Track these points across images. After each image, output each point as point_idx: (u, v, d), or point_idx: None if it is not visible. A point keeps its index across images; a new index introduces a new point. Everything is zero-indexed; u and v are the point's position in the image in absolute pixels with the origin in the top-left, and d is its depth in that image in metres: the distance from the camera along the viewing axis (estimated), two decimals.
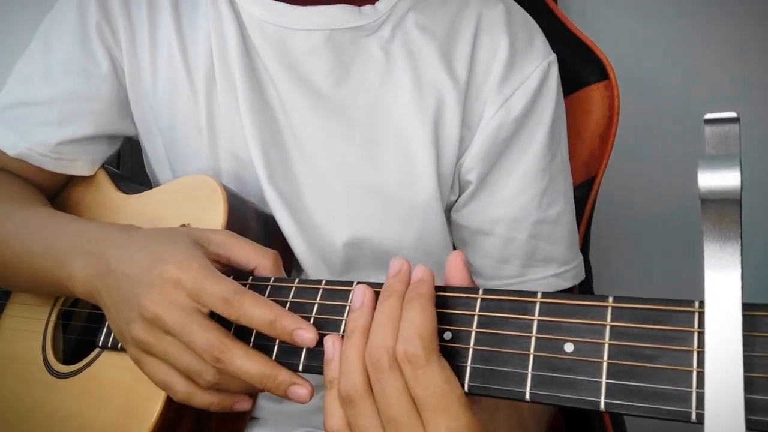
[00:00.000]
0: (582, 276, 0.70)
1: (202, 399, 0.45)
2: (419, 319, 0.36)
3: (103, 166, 0.70)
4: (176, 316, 0.43)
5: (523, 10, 0.68)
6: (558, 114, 0.65)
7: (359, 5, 0.63)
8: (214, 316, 0.44)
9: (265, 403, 0.64)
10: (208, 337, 0.42)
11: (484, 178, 0.63)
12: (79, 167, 0.67)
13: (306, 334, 0.42)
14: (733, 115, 0.29)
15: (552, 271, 0.66)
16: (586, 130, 0.75)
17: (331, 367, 0.39)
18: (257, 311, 0.42)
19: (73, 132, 0.64)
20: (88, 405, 0.55)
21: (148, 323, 0.45)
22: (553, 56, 0.65)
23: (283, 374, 0.43)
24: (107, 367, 0.56)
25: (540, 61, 0.63)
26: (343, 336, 0.41)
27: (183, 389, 0.45)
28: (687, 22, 1.06)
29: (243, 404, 0.47)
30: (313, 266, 0.61)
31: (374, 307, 0.39)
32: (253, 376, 0.42)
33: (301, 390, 0.43)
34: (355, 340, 0.38)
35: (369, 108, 0.62)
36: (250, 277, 0.48)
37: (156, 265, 0.45)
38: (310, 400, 0.43)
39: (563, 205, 0.66)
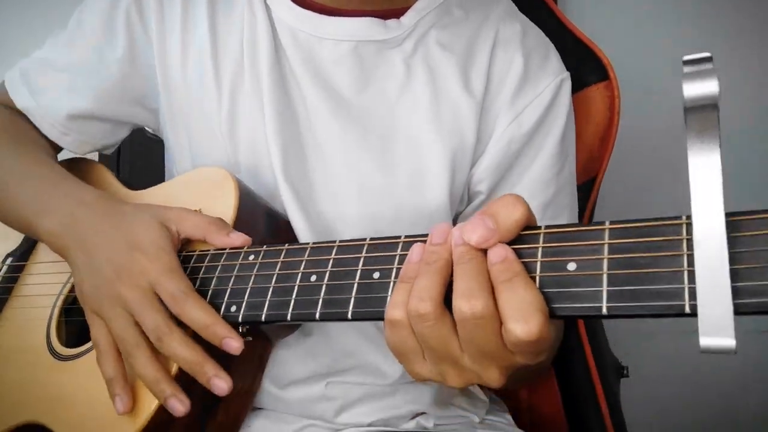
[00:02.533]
0: None
1: (146, 368, 0.50)
2: (537, 299, 0.36)
3: (112, 172, 0.72)
4: (137, 297, 0.50)
5: (540, 30, 0.71)
6: (568, 129, 0.68)
7: (385, 19, 0.67)
8: None
9: (266, 393, 0.65)
10: (156, 318, 0.49)
11: (493, 188, 0.66)
12: (68, 142, 0.70)
13: (234, 343, 0.48)
14: (707, 54, 0.34)
15: None
16: (586, 130, 0.75)
17: (410, 268, 0.40)
18: (195, 313, 0.49)
19: (74, 105, 0.67)
20: (91, 386, 0.55)
21: (113, 298, 0.51)
22: (566, 74, 0.68)
23: (209, 365, 0.48)
24: None
25: (553, 78, 0.66)
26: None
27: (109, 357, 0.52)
28: (687, 21, 1.08)
29: (177, 403, 0.49)
30: None
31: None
32: (185, 360, 0.48)
33: (221, 383, 0.48)
34: (437, 268, 0.39)
35: (386, 117, 0.65)
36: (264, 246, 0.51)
37: (131, 251, 0.52)
38: (229, 389, 0.48)
39: (567, 219, 0.68)
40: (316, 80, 0.65)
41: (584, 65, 0.76)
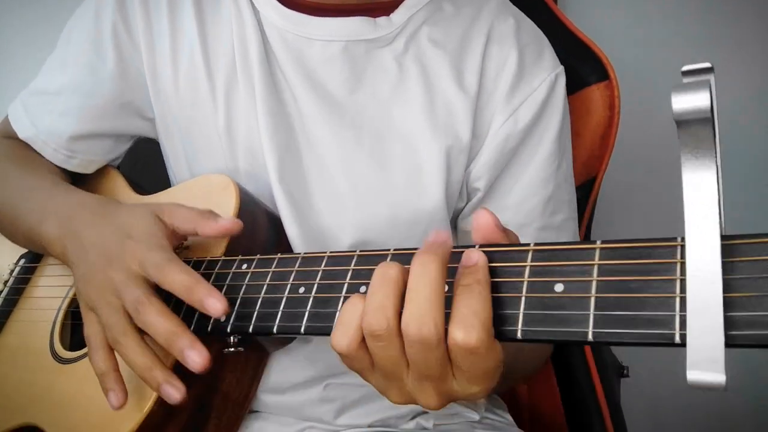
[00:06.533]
0: None
1: (135, 354, 0.48)
2: (483, 312, 0.35)
3: (122, 174, 0.72)
4: (122, 277, 0.49)
5: (533, 24, 0.70)
6: (564, 124, 0.67)
7: (375, 16, 0.65)
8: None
9: (264, 396, 0.64)
10: (135, 291, 0.48)
11: (491, 185, 0.65)
12: (75, 165, 0.70)
13: (216, 303, 0.45)
14: (707, 65, 0.32)
15: None
16: (587, 130, 0.75)
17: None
18: (178, 276, 0.47)
19: (74, 127, 0.67)
20: (88, 390, 0.56)
21: (103, 284, 0.50)
22: (560, 68, 0.67)
23: (187, 337, 0.46)
24: None
25: (548, 74, 0.65)
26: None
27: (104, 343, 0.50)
28: (687, 21, 1.07)
29: (171, 389, 0.47)
30: None
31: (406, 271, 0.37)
32: (162, 330, 0.46)
33: (196, 356, 0.45)
34: (389, 287, 0.37)
35: (379, 116, 0.64)
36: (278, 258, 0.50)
37: (122, 240, 0.51)
38: (204, 366, 0.45)
39: (567, 214, 0.68)
40: (307, 82, 0.64)
41: (584, 65, 0.75)
